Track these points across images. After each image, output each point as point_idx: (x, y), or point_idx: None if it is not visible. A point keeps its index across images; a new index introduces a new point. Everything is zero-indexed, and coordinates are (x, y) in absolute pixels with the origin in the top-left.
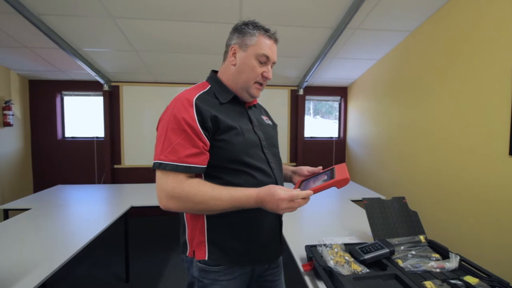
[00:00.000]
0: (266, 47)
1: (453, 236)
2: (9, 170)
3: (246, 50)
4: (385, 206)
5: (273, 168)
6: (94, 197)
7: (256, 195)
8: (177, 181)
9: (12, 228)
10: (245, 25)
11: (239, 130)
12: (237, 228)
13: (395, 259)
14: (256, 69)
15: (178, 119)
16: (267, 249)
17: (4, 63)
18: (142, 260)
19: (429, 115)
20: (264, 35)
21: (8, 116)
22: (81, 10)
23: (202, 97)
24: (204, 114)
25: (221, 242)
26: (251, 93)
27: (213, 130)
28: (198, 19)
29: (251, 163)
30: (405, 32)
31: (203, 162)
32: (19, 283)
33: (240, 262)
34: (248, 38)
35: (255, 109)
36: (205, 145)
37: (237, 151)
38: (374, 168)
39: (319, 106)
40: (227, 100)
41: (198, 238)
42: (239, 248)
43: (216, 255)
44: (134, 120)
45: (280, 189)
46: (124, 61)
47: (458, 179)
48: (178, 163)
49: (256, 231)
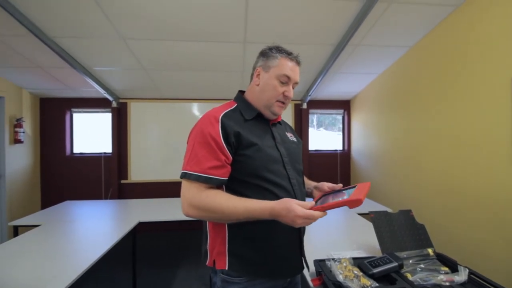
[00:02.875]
0: (287, 68)
1: (462, 248)
2: (18, 186)
3: (269, 71)
4: (392, 219)
5: (294, 185)
6: (102, 213)
7: (271, 209)
8: (197, 190)
9: (22, 246)
10: (270, 49)
11: (260, 146)
12: (257, 241)
13: (404, 273)
14: (278, 88)
15: (205, 133)
16: (287, 263)
17: (17, 83)
18: (149, 277)
19: (432, 126)
20: (286, 58)
21: (19, 133)
22: (94, 32)
23: (228, 115)
24: (228, 130)
25: (241, 253)
26: (273, 111)
27: (236, 145)
28: (204, 39)
29: (271, 178)
30: (405, 47)
31: (223, 174)
32: None
33: (260, 274)
34: (271, 60)
35: (279, 126)
36: (227, 159)
37: (257, 166)
38: (380, 180)
39: (322, 118)
40: (252, 117)
41: (218, 248)
42: (258, 260)
43: (236, 266)
44: (141, 136)
45: (296, 205)
46: (132, 78)
47: (465, 190)
48: (200, 174)
49: (275, 245)
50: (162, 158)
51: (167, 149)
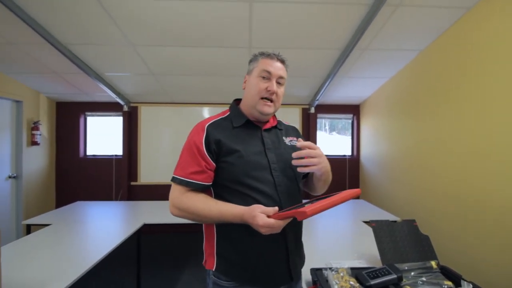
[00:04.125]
0: (266, 64)
1: (472, 262)
2: (35, 186)
3: (251, 73)
4: (394, 229)
5: (280, 192)
6: (110, 214)
7: (241, 215)
8: (180, 193)
9: (32, 243)
10: (253, 55)
11: (242, 153)
12: (240, 244)
13: (403, 285)
14: (259, 84)
15: (191, 142)
16: (270, 271)
17: (34, 87)
18: (153, 278)
19: (445, 132)
20: (266, 57)
21: (36, 136)
22: (105, 39)
23: (216, 123)
24: (211, 137)
25: (227, 256)
26: (259, 109)
27: (217, 152)
28: (210, 44)
29: (253, 185)
30: (415, 51)
31: (204, 179)
32: None
33: (244, 279)
34: (253, 63)
35: (275, 130)
36: (208, 165)
37: (238, 173)
38: (389, 187)
39: (335, 122)
40: (240, 124)
41: (209, 249)
42: (241, 264)
43: (222, 267)
44: (150, 139)
45: (259, 213)
46: (142, 83)
47: (478, 200)
48: (183, 178)
49: (259, 250)
50: (171, 161)
51: (176, 152)
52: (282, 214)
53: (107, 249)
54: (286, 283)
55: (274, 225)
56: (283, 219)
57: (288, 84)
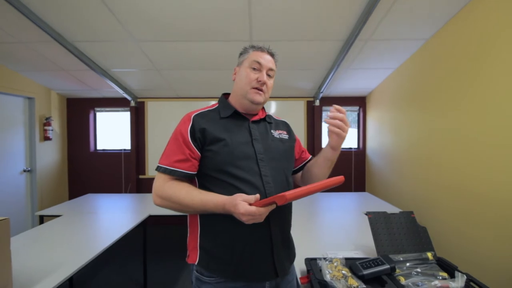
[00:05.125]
0: (257, 55)
1: (476, 257)
2: (48, 180)
3: (241, 64)
4: (391, 220)
5: (266, 182)
6: (118, 206)
7: (223, 204)
8: (163, 181)
9: (45, 232)
10: (244, 48)
11: (228, 142)
12: (223, 237)
13: (397, 276)
14: (250, 75)
15: (177, 131)
16: (253, 266)
17: (46, 84)
18: (159, 267)
19: (453, 125)
20: (256, 50)
21: (48, 131)
22: (109, 36)
23: (202, 114)
24: (196, 126)
25: (210, 249)
26: (250, 98)
27: (202, 140)
28: (212, 39)
29: (237, 174)
30: (421, 40)
31: (188, 168)
32: (48, 279)
33: (227, 273)
34: (243, 56)
35: (264, 123)
36: (192, 153)
37: (223, 162)
38: (395, 180)
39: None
40: (227, 115)
41: (193, 242)
42: (226, 258)
43: (205, 261)
44: (157, 133)
45: (240, 201)
46: (148, 79)
47: (485, 194)
48: (167, 166)
49: (244, 245)
50: None
51: None
52: (262, 201)
53: (114, 238)
54: (270, 278)
55: (256, 213)
56: (264, 206)
57: (292, 76)
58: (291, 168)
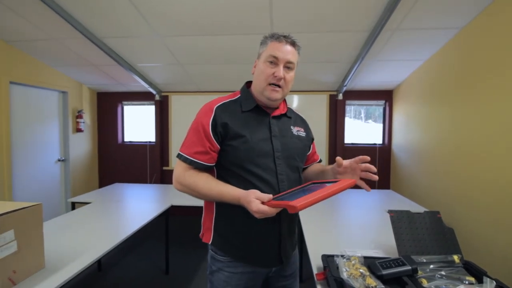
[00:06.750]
0: (273, 48)
1: (507, 261)
2: (80, 169)
3: (260, 57)
4: (415, 220)
5: (280, 180)
6: (143, 195)
7: (238, 198)
8: (183, 169)
9: (76, 218)
10: (264, 37)
11: (248, 139)
12: (237, 224)
13: (419, 278)
14: (266, 70)
15: (198, 122)
16: (262, 254)
17: (78, 79)
18: (180, 255)
19: (487, 119)
20: (275, 41)
21: (80, 123)
22: (134, 32)
23: (224, 105)
24: (218, 120)
25: (222, 233)
26: (266, 95)
27: (223, 135)
28: (234, 32)
29: (254, 171)
30: (453, 29)
31: (207, 160)
32: (78, 260)
33: (238, 257)
34: (262, 47)
35: (285, 118)
36: (212, 146)
37: (242, 158)
38: (423, 178)
39: (371, 110)
40: (249, 109)
41: (207, 223)
42: (236, 243)
43: (218, 243)
44: (181, 126)
45: (254, 199)
46: (171, 73)
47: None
48: (187, 156)
49: (252, 232)
50: None
51: None
52: (275, 203)
53: (138, 225)
54: (275, 265)
55: (267, 212)
56: (275, 207)
57: (314, 69)
58: (302, 165)
